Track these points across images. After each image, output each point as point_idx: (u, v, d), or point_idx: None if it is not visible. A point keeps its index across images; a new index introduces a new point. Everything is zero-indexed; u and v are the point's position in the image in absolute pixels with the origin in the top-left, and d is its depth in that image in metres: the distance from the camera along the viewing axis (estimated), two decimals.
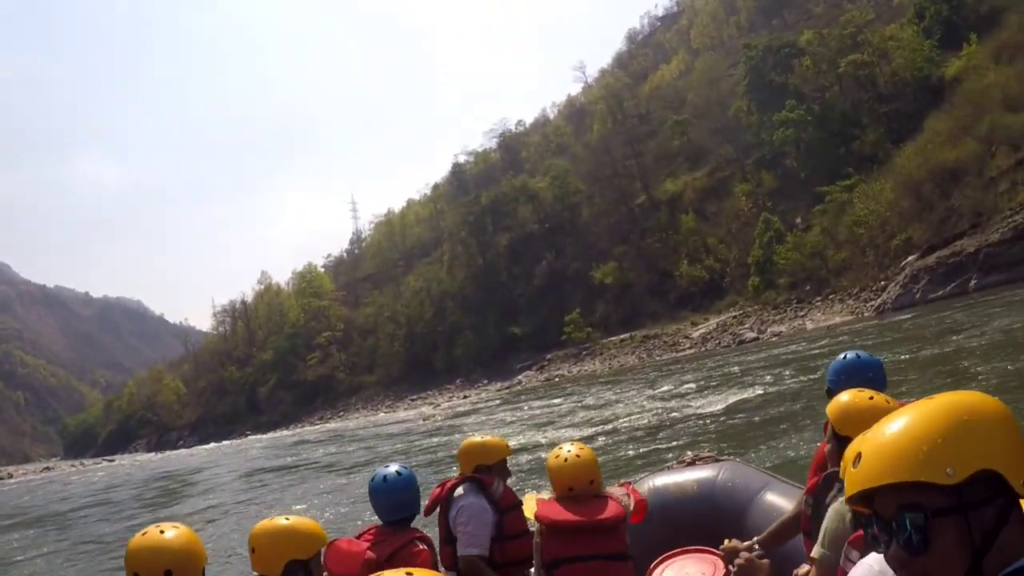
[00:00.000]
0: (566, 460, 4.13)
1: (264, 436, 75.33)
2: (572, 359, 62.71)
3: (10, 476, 76.95)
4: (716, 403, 20.14)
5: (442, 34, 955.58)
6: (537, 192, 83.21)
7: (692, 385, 25.82)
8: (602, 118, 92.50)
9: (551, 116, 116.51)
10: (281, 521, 3.20)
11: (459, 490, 4.67)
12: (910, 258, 38.92)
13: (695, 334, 52.10)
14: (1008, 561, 1.30)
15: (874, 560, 1.83)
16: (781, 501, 4.82)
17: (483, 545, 4.53)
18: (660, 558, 4.61)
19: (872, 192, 46.85)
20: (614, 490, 4.35)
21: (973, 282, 33.64)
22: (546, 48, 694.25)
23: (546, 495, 4.39)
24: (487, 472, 4.70)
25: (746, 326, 46.50)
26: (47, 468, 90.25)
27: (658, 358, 49.93)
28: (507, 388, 59.90)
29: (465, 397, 61.20)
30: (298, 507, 16.99)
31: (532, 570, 4.67)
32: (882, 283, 40.60)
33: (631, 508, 4.22)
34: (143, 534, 2.75)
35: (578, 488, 4.11)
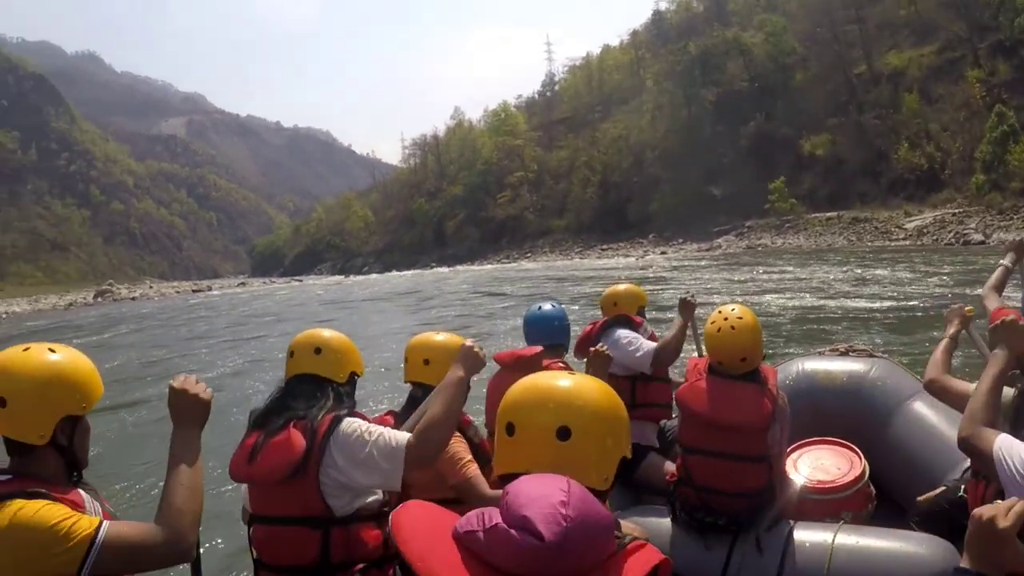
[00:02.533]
0: (719, 329, 3.88)
1: (460, 268, 77.91)
2: (774, 230, 62.60)
3: (209, 288, 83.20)
4: (913, 299, 19.45)
5: None
6: (750, 47, 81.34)
7: (905, 275, 25.66)
8: None
9: None
10: (443, 337, 3.52)
11: (611, 327, 4.99)
12: None
13: (909, 225, 51.44)
14: None
15: None
16: (928, 413, 4.70)
17: (651, 351, 4.81)
18: (798, 443, 4.63)
19: None
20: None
21: None
22: None
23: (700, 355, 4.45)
24: (626, 316, 5.06)
25: (970, 226, 45.72)
26: (241, 283, 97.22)
27: (869, 243, 49.82)
28: (706, 250, 60.52)
29: (663, 253, 62.16)
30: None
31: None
32: None
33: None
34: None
35: (728, 363, 3.90)
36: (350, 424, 2.79)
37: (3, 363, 2.13)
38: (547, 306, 4.54)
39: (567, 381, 1.70)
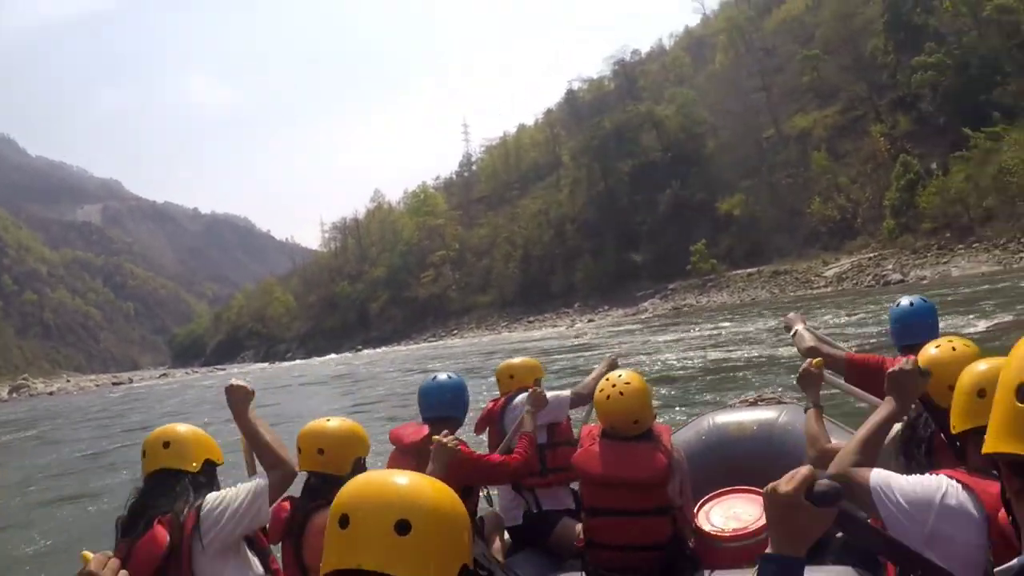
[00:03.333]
0: (608, 396, 3.94)
1: (386, 349, 77.49)
2: (697, 290, 63.58)
3: (130, 381, 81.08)
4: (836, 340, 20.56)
5: None
6: (662, 120, 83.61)
7: (827, 319, 26.55)
8: (724, 50, 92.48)
9: (668, 46, 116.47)
10: (340, 423, 3.44)
11: (514, 396, 4.90)
12: None
13: (828, 273, 53.06)
14: None
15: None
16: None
17: (566, 392, 4.92)
18: (709, 495, 4.63)
19: (1022, 142, 46.92)
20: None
21: None
22: None
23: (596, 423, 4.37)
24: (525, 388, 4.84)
25: (887, 267, 47.43)
26: (164, 375, 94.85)
27: (791, 293, 50.99)
28: (633, 314, 60.88)
29: (590, 321, 62.51)
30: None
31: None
32: None
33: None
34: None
35: (620, 428, 3.98)
36: (211, 500, 2.93)
37: None
38: (442, 376, 4.45)
39: (408, 478, 1.56)
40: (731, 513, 4.47)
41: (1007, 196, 45.93)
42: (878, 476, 2.14)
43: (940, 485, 2.02)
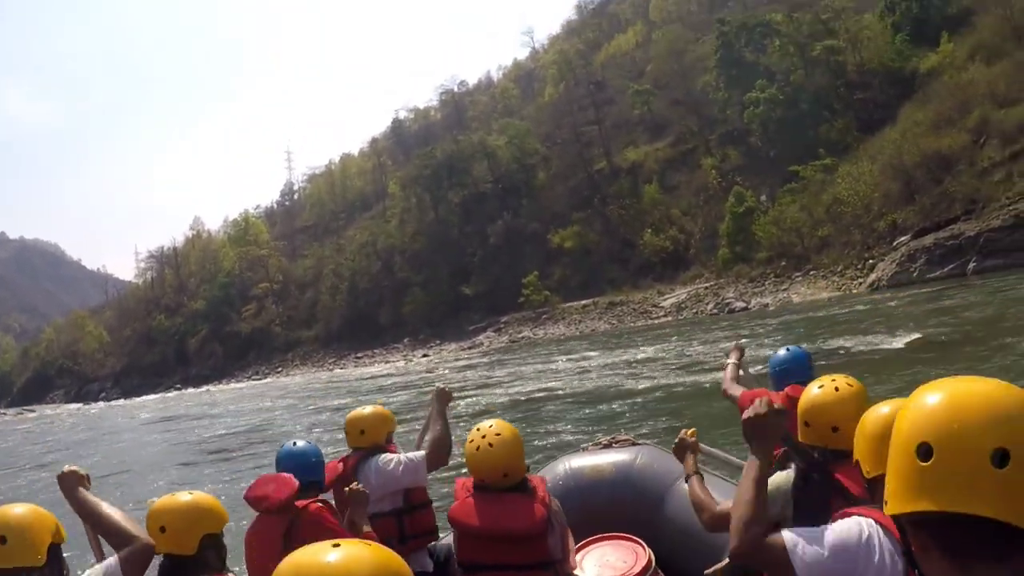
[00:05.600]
0: (478, 448, 3.78)
1: (211, 387, 73.51)
2: (531, 322, 62.74)
3: None
4: (679, 373, 20.51)
5: None
6: (494, 150, 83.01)
7: (672, 350, 26.85)
8: (554, 82, 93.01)
9: (496, 79, 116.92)
10: (185, 497, 3.12)
11: (364, 460, 4.60)
12: (903, 238, 40.72)
13: (665, 303, 53.11)
14: None
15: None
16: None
17: (421, 458, 4.58)
18: (579, 544, 4.48)
19: (855, 173, 48.41)
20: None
21: (972, 264, 35.38)
22: (489, 11, 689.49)
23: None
24: (384, 441, 4.70)
25: (729, 295, 47.69)
26: None
27: (631, 324, 50.65)
28: (467, 348, 59.60)
29: (424, 356, 60.61)
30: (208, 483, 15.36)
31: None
32: (869, 262, 42.20)
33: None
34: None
35: (490, 481, 3.81)
36: None
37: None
38: (300, 443, 4.33)
39: (337, 554, 1.32)
40: (604, 561, 4.39)
41: (841, 225, 47.10)
42: (790, 537, 2.08)
43: (859, 527, 2.03)
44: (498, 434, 3.80)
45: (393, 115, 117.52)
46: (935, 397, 1.33)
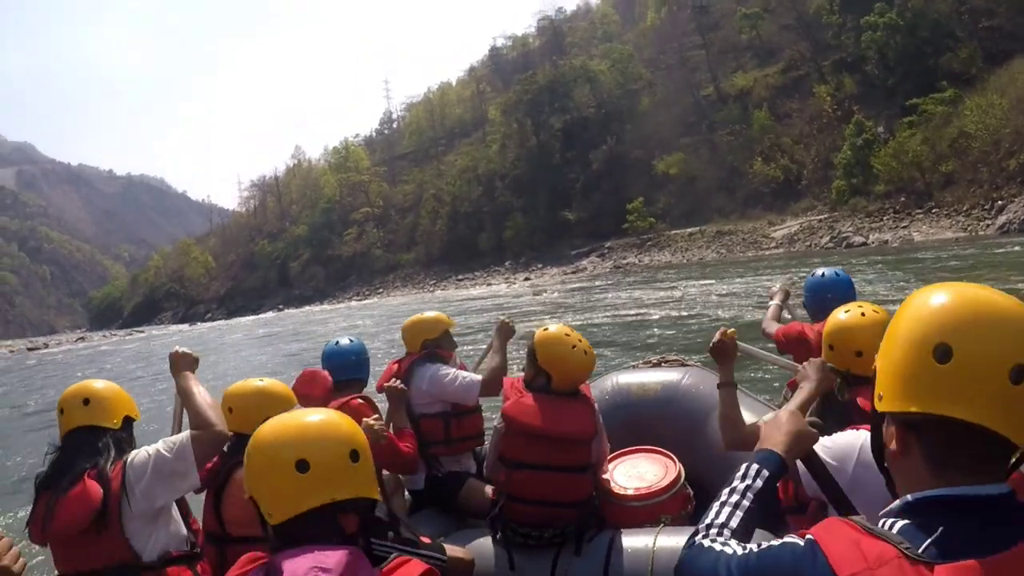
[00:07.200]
0: (573, 347, 3.96)
1: (313, 308, 75.02)
2: (636, 248, 62.53)
3: (46, 346, 77.14)
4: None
5: None
6: (596, 75, 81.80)
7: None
8: (656, 7, 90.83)
9: (594, 4, 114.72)
10: (255, 383, 3.46)
11: (420, 364, 4.76)
12: None
13: (776, 234, 52.13)
14: None
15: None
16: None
17: (475, 383, 4.68)
18: (613, 455, 4.63)
19: (983, 105, 45.44)
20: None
21: None
22: None
23: (517, 374, 4.39)
24: (434, 346, 4.85)
25: (847, 228, 46.46)
26: (81, 339, 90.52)
27: (740, 255, 50.13)
28: (571, 272, 59.47)
29: (526, 279, 60.46)
30: None
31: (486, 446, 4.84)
32: (998, 203, 39.90)
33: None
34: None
35: (565, 385, 4.02)
36: (136, 455, 3.02)
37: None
38: (344, 340, 4.69)
39: (319, 416, 1.95)
40: (635, 472, 4.48)
41: (967, 161, 44.69)
42: None
43: (859, 437, 2.22)
44: (588, 346, 4.04)
45: (491, 43, 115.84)
46: (956, 300, 1.30)
